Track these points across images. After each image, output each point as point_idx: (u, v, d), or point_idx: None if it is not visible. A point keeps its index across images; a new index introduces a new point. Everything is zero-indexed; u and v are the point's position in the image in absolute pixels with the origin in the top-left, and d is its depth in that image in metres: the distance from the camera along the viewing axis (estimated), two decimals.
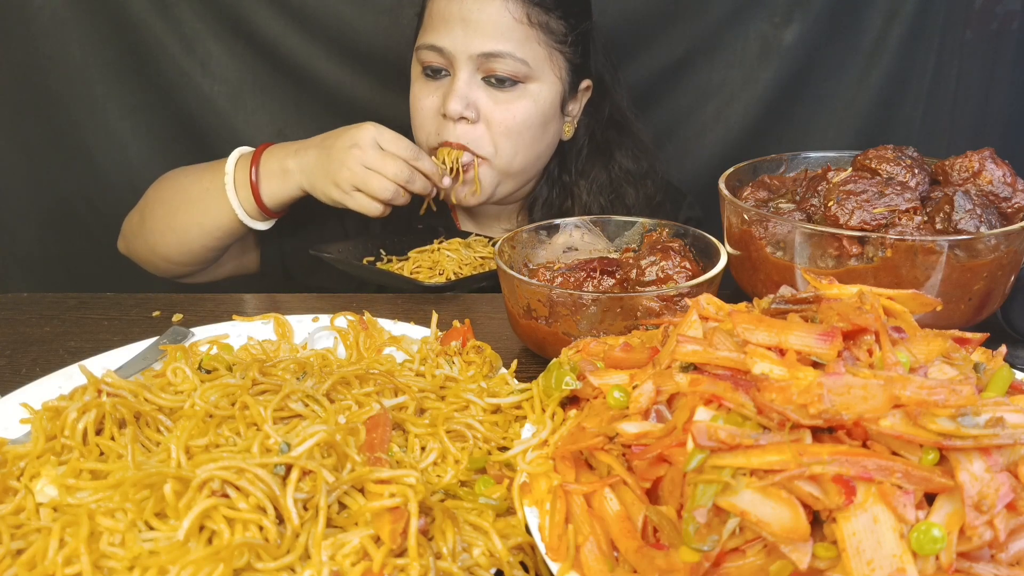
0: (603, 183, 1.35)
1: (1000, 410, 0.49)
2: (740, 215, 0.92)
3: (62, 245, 1.69)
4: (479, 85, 1.20)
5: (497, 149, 1.22)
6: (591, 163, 1.36)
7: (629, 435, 0.57)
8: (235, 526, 0.54)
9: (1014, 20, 1.62)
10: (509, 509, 0.62)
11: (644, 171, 1.37)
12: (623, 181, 1.36)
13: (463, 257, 1.24)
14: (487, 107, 1.20)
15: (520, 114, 1.21)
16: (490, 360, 0.83)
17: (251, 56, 1.59)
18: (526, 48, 1.19)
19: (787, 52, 1.60)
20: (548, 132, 1.27)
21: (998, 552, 0.48)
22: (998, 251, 0.82)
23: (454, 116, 1.19)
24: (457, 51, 1.18)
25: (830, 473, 0.47)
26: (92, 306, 1.05)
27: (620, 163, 1.36)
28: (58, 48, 1.54)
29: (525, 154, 1.25)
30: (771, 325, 0.58)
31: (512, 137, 1.22)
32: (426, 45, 1.21)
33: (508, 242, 0.95)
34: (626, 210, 1.34)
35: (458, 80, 1.19)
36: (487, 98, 1.20)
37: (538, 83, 1.22)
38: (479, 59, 1.18)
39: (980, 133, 1.70)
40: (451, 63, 1.20)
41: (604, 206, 1.34)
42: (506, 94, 1.20)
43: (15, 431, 0.73)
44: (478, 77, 1.20)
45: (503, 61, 1.18)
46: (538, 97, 1.22)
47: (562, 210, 1.34)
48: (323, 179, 1.14)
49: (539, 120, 1.23)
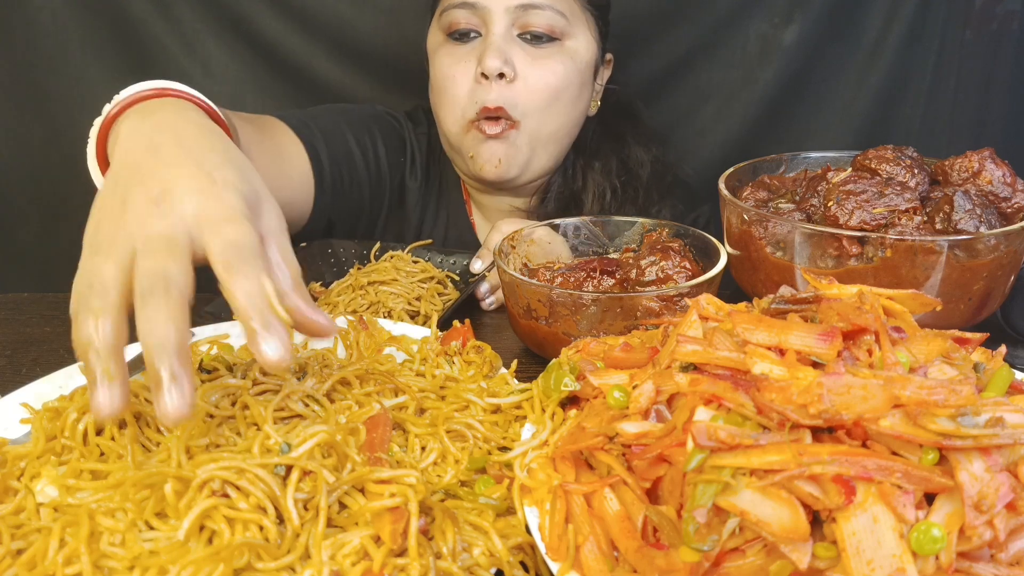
0: (614, 166, 1.33)
1: (1000, 410, 0.49)
2: (740, 215, 0.92)
3: (62, 245, 1.68)
4: (515, 41, 1.13)
5: (532, 108, 1.14)
6: (603, 145, 1.33)
7: (629, 435, 0.57)
8: (235, 526, 0.54)
9: (1014, 20, 1.62)
10: (509, 509, 0.62)
11: (655, 156, 1.36)
12: (634, 165, 1.34)
13: (404, 288, 1.05)
14: (524, 64, 1.12)
15: (559, 71, 1.14)
16: (490, 360, 0.83)
17: (251, 56, 1.58)
18: (562, 1, 1.13)
19: (787, 52, 1.60)
20: (582, 99, 1.21)
21: (998, 552, 0.48)
22: (998, 251, 0.82)
23: (492, 73, 1.10)
24: (491, 3, 1.11)
25: (830, 473, 0.47)
26: None
27: (631, 147, 1.34)
28: (58, 48, 1.54)
29: (559, 118, 1.18)
30: (771, 325, 0.58)
31: (549, 95, 1.14)
32: (456, 3, 1.13)
33: (508, 241, 0.95)
34: (636, 194, 1.32)
35: (493, 34, 1.11)
36: (524, 55, 1.13)
37: (575, 40, 1.16)
38: (516, 11, 1.11)
39: (980, 133, 1.70)
40: (484, 19, 1.12)
41: (616, 188, 1.31)
42: (543, 50, 1.13)
43: (15, 431, 0.73)
44: (514, 32, 1.13)
45: (541, 13, 1.11)
46: (575, 55, 1.16)
47: (574, 192, 1.31)
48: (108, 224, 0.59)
49: (577, 80, 1.17)
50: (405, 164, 1.33)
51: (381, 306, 1.02)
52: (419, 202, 1.35)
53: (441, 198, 1.37)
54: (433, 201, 1.37)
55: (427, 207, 1.36)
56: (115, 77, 1.58)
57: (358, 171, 1.24)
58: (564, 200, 1.32)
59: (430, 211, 1.36)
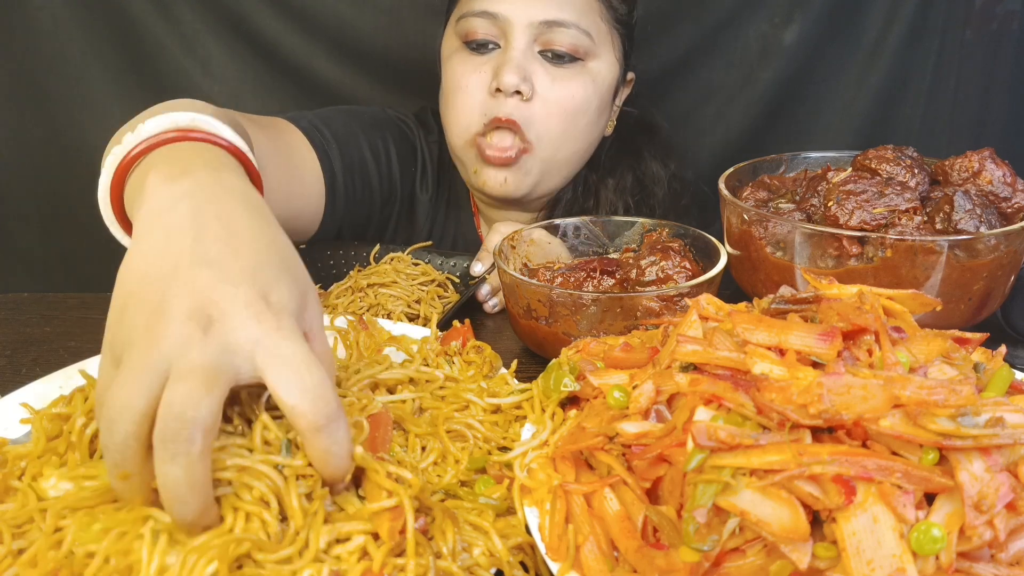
0: (628, 183, 1.28)
1: (1000, 410, 0.49)
2: (740, 215, 0.92)
3: (62, 245, 1.68)
4: (535, 58, 1.08)
5: (546, 132, 1.09)
6: (618, 162, 1.28)
7: (629, 435, 0.57)
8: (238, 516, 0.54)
9: (1014, 20, 1.62)
10: (509, 509, 0.62)
11: (671, 174, 1.31)
12: (650, 182, 1.29)
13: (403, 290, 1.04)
14: (544, 83, 1.07)
15: (579, 94, 1.09)
16: (490, 360, 0.83)
17: (251, 56, 1.58)
18: (589, 20, 1.08)
19: (787, 52, 1.60)
20: (600, 121, 1.16)
21: (998, 552, 0.48)
22: (998, 251, 0.82)
23: (509, 90, 1.05)
24: (514, 17, 1.05)
25: (830, 473, 0.48)
26: (92, 306, 1.05)
27: (648, 163, 1.30)
28: (58, 48, 1.54)
29: (574, 142, 1.13)
30: (771, 325, 0.58)
31: (566, 119, 1.09)
32: (475, 12, 1.07)
33: (508, 242, 0.95)
34: (650, 212, 1.27)
35: (513, 49, 1.06)
36: (544, 73, 1.07)
37: (598, 61, 1.10)
38: (539, 27, 1.05)
39: (980, 133, 1.70)
40: (504, 32, 1.07)
41: (629, 207, 1.26)
42: (564, 70, 1.08)
43: (15, 431, 0.73)
44: (535, 49, 1.07)
45: (565, 32, 1.06)
46: (597, 77, 1.11)
47: (585, 209, 1.25)
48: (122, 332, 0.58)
49: (596, 104, 1.12)
50: (416, 174, 1.28)
51: (380, 308, 1.01)
52: (429, 214, 1.30)
53: (450, 210, 1.33)
54: (442, 213, 1.32)
55: (436, 219, 1.31)
56: (115, 77, 1.58)
57: (371, 180, 1.18)
58: (573, 216, 1.28)
59: (439, 223, 1.32)
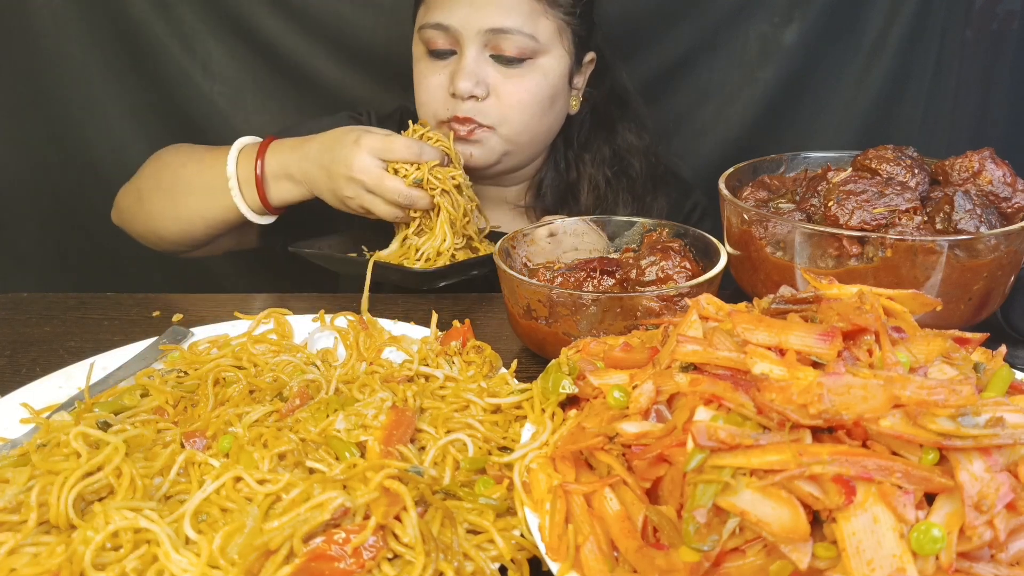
0: (606, 156, 1.35)
1: (1000, 410, 0.49)
2: (740, 215, 0.92)
3: (62, 245, 1.69)
4: (487, 61, 1.18)
5: (505, 120, 1.20)
6: (594, 136, 1.35)
7: (629, 435, 0.57)
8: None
9: (1014, 20, 1.63)
10: (509, 509, 0.62)
11: (647, 145, 1.37)
12: (626, 153, 1.36)
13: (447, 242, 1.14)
14: (496, 82, 1.18)
15: (531, 88, 1.20)
16: (490, 360, 0.83)
17: (251, 56, 1.59)
18: (534, 22, 1.17)
19: (787, 52, 1.60)
20: (556, 105, 1.26)
21: (998, 552, 0.48)
22: (998, 251, 0.82)
23: (464, 95, 1.17)
24: (464, 27, 1.16)
25: (830, 473, 0.47)
26: (92, 306, 1.05)
27: (623, 136, 1.36)
28: (58, 48, 1.54)
29: (534, 127, 1.24)
30: (771, 325, 0.58)
31: (522, 110, 1.20)
32: (431, 24, 1.18)
33: (508, 242, 0.95)
34: (630, 182, 1.34)
35: (466, 58, 1.16)
36: (496, 73, 1.18)
37: (547, 56, 1.20)
38: (487, 35, 1.16)
39: (980, 133, 1.70)
40: (458, 41, 1.17)
41: (610, 178, 1.33)
42: (515, 70, 1.19)
43: (15, 431, 0.73)
44: (486, 53, 1.18)
45: (510, 38, 1.16)
46: (548, 71, 1.21)
47: (569, 183, 1.33)
48: (330, 197, 1.10)
49: (548, 93, 1.22)
50: None
51: None
52: None
53: None
54: None
55: None
56: (115, 77, 1.59)
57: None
58: (560, 192, 1.34)
59: None
